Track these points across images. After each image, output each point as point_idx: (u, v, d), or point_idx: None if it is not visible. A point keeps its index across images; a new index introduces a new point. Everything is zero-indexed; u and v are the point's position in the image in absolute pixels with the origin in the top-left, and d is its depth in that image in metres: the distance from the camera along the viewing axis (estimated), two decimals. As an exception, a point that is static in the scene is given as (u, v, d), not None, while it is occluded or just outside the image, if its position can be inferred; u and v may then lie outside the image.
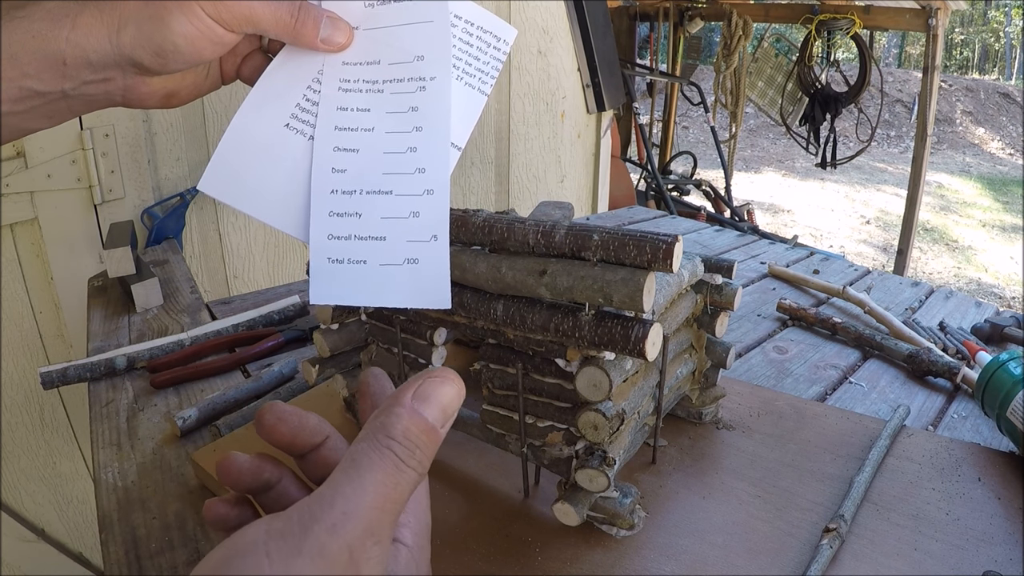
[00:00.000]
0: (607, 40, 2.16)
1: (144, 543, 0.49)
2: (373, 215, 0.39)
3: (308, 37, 0.40)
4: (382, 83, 0.41)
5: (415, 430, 0.27)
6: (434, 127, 0.40)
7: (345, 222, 0.39)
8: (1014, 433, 0.57)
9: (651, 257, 0.39)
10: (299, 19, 0.39)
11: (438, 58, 0.40)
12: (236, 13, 0.37)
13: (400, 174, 0.39)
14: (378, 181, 0.39)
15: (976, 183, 8.37)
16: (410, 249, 0.38)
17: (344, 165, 0.39)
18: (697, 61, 5.36)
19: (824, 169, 4.77)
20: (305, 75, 0.41)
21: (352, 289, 0.38)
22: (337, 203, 0.39)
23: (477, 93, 0.42)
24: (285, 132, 0.40)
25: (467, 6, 0.43)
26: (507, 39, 0.44)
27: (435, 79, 0.40)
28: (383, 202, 0.39)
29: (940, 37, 3.66)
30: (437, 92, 0.40)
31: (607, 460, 0.44)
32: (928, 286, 1.12)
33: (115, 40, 0.36)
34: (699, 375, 0.60)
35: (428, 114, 0.40)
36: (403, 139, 0.40)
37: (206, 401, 0.67)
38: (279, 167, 0.40)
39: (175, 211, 1.36)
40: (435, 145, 0.39)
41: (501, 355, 0.48)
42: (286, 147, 0.40)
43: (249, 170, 0.40)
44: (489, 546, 0.46)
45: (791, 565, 0.45)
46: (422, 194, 0.38)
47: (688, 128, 9.62)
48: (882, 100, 5.01)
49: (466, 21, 0.43)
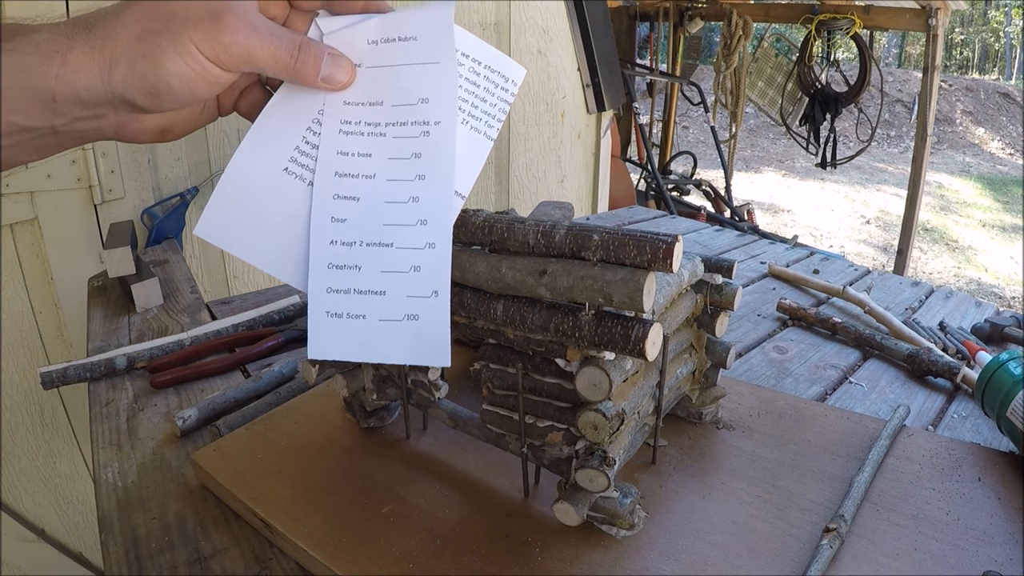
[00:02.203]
0: (607, 40, 2.16)
1: (144, 543, 0.49)
2: (373, 268, 0.37)
3: (308, 76, 0.38)
4: (385, 126, 0.39)
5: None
6: (437, 176, 0.38)
7: (344, 275, 0.37)
8: (1014, 433, 0.57)
9: (651, 257, 0.39)
10: (299, 58, 0.37)
11: (444, 102, 0.39)
12: (233, 53, 0.35)
13: (401, 226, 0.38)
14: (379, 233, 0.38)
15: (976, 183, 8.37)
16: (410, 305, 0.37)
17: (344, 214, 0.38)
18: (697, 61, 5.37)
19: (824, 169, 4.77)
20: (305, 115, 0.40)
21: (351, 344, 0.37)
22: (336, 255, 0.38)
23: (483, 138, 0.40)
24: (284, 177, 0.39)
25: (475, 43, 0.41)
26: (515, 79, 0.42)
27: (440, 124, 0.38)
28: (383, 255, 0.37)
29: (940, 37, 3.66)
30: (441, 138, 0.38)
31: (607, 460, 0.44)
32: (928, 286, 1.12)
33: (107, 78, 0.34)
34: (699, 375, 0.60)
35: (431, 162, 0.38)
36: (405, 188, 0.38)
37: (206, 401, 0.67)
38: (277, 214, 0.38)
39: (175, 211, 1.36)
40: (438, 195, 0.38)
41: (501, 355, 0.48)
42: (285, 193, 0.39)
43: (247, 215, 0.38)
44: (489, 546, 0.46)
45: (791, 565, 0.45)
46: (423, 248, 0.37)
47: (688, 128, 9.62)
48: (882, 100, 5.01)
49: (473, 59, 0.41)
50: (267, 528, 0.49)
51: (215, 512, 0.53)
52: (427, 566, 0.44)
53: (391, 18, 0.40)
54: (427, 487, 0.53)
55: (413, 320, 0.37)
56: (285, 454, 0.56)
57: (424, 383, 0.55)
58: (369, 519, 0.49)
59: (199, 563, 0.47)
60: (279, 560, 0.48)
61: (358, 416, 0.61)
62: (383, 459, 0.56)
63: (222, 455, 0.56)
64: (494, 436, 0.52)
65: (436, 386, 0.55)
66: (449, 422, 0.55)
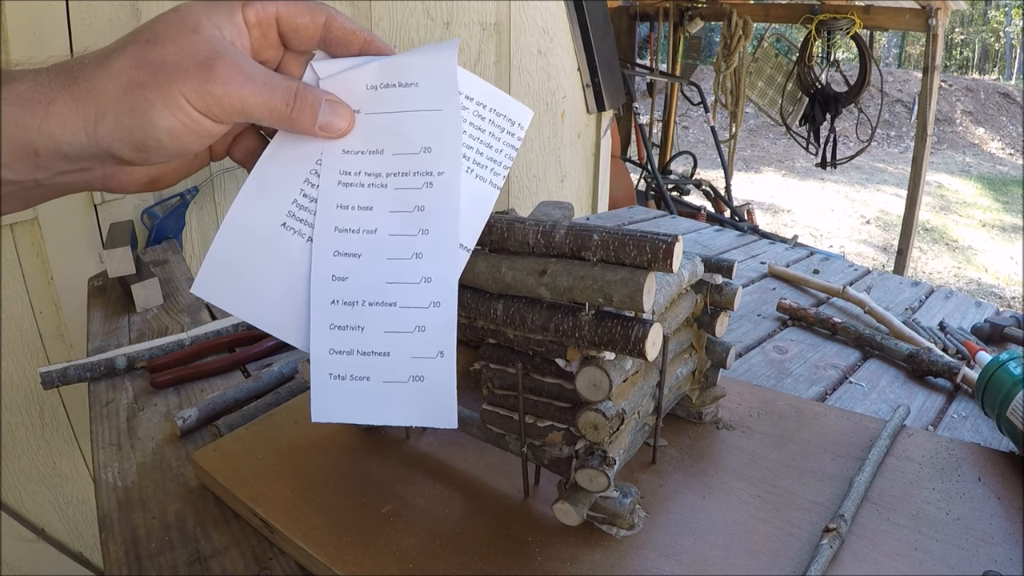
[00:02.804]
0: (607, 40, 2.16)
1: (144, 543, 0.49)
2: (376, 329, 0.36)
3: (305, 124, 0.36)
4: (385, 176, 0.37)
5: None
6: (441, 230, 0.36)
7: (347, 336, 0.36)
8: (1014, 433, 0.57)
9: (651, 257, 0.39)
10: (295, 107, 0.35)
11: (447, 151, 0.37)
12: (225, 104, 0.33)
13: (405, 284, 0.36)
14: (381, 291, 0.36)
15: (976, 183, 8.37)
16: (415, 366, 0.36)
17: (345, 272, 0.37)
18: (697, 61, 5.37)
19: (824, 169, 4.77)
20: (302, 166, 0.38)
21: (355, 407, 0.36)
22: (338, 315, 0.36)
23: (489, 187, 0.38)
24: (282, 232, 0.37)
25: (480, 85, 0.39)
26: (522, 123, 0.40)
27: (443, 175, 0.37)
28: (387, 315, 0.36)
29: (940, 37, 3.66)
30: (445, 190, 0.36)
31: (607, 460, 0.44)
32: (928, 286, 1.12)
33: (92, 133, 0.32)
34: (699, 375, 0.60)
35: (435, 215, 0.36)
36: (408, 243, 0.37)
37: (206, 401, 0.67)
38: (276, 271, 0.37)
39: (175, 211, 1.36)
40: (442, 251, 0.36)
41: (501, 355, 0.48)
42: (283, 249, 0.37)
43: (245, 273, 0.37)
44: (489, 546, 0.46)
45: (791, 565, 0.45)
46: (428, 307, 0.36)
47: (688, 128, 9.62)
48: (882, 100, 5.01)
49: (478, 103, 0.39)
50: (267, 528, 0.49)
51: (215, 512, 0.53)
52: (427, 566, 0.44)
53: (391, 62, 0.38)
54: (427, 487, 0.53)
55: (419, 382, 0.36)
56: (285, 454, 0.56)
57: (424, 383, 0.55)
58: (369, 519, 0.49)
59: (199, 563, 0.47)
60: (279, 560, 0.48)
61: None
62: (383, 459, 0.56)
63: (222, 455, 0.56)
64: (494, 436, 0.52)
65: (436, 386, 0.55)
66: (449, 422, 0.55)
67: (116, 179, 0.36)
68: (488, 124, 0.39)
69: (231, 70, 0.33)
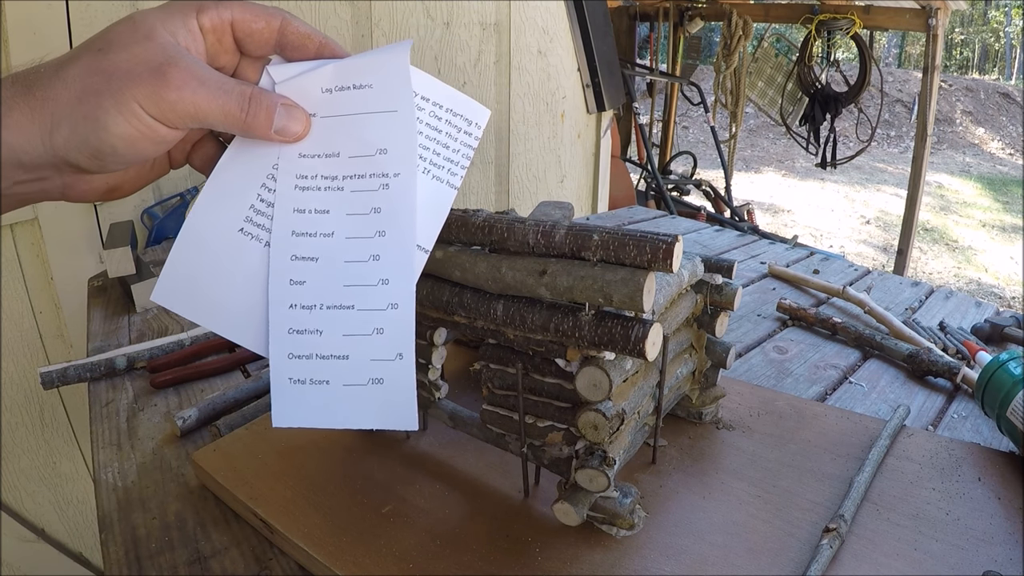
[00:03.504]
0: (607, 40, 2.16)
1: (144, 543, 0.49)
2: (335, 332, 0.36)
3: (261, 129, 0.36)
4: (342, 179, 0.37)
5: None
6: (398, 232, 0.36)
7: (306, 340, 0.36)
8: (1014, 433, 0.57)
9: (651, 257, 0.39)
10: (250, 111, 0.35)
11: (403, 152, 0.37)
12: (179, 110, 0.33)
13: (362, 286, 0.36)
14: (339, 295, 0.36)
15: (976, 183, 8.37)
16: (374, 368, 0.36)
17: (303, 276, 0.36)
18: (697, 61, 5.37)
19: (824, 169, 4.77)
20: (259, 171, 0.38)
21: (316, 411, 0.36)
22: (296, 319, 0.36)
23: (446, 187, 0.38)
24: (239, 238, 0.37)
25: (435, 86, 0.39)
26: (479, 122, 0.40)
27: (399, 176, 0.36)
28: (345, 318, 0.36)
29: (940, 37, 3.66)
30: (401, 191, 0.36)
31: (607, 460, 0.44)
32: (928, 286, 1.12)
33: (48, 141, 0.32)
34: (699, 375, 0.60)
35: (392, 217, 0.36)
36: (365, 246, 0.36)
37: (206, 401, 0.67)
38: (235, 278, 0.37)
39: (175, 211, 1.36)
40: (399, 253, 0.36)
41: (501, 355, 0.48)
42: (241, 255, 0.37)
43: (203, 280, 0.37)
44: (489, 546, 0.46)
45: (791, 565, 0.45)
46: (386, 308, 0.36)
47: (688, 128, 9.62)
48: (882, 100, 5.01)
49: (434, 103, 0.39)
50: (267, 528, 0.49)
51: (215, 512, 0.53)
52: (427, 566, 0.44)
53: (346, 64, 0.38)
54: (427, 487, 0.53)
55: (378, 384, 0.36)
56: (285, 454, 0.56)
57: (424, 383, 0.55)
58: (369, 519, 0.49)
59: (199, 563, 0.47)
60: (279, 560, 0.48)
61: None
62: (383, 459, 0.56)
63: (222, 455, 0.56)
64: (494, 436, 0.52)
65: (436, 386, 0.55)
66: (449, 422, 0.55)
67: (74, 188, 0.36)
68: (445, 124, 0.39)
69: (185, 75, 0.33)
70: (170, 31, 0.34)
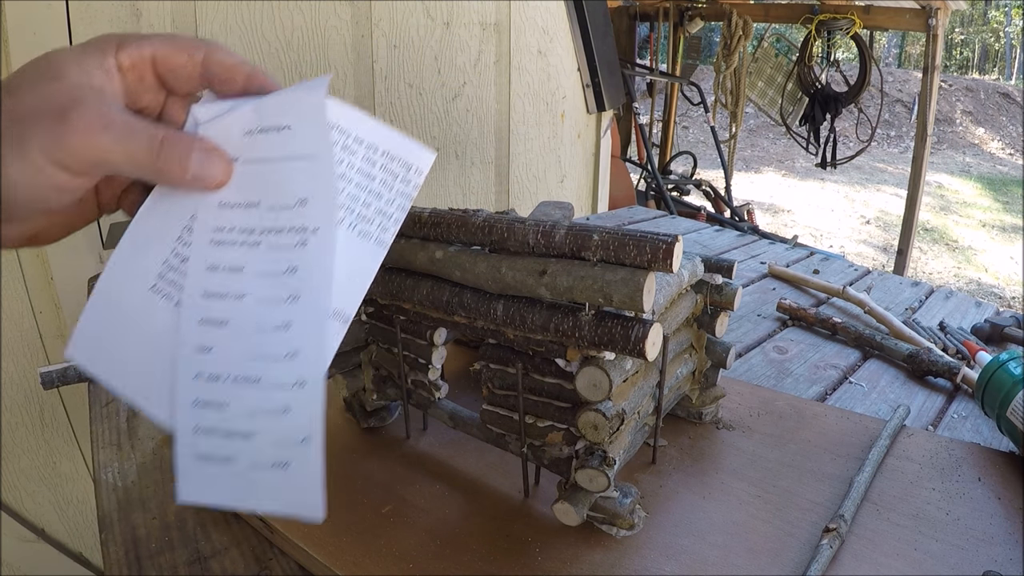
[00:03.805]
0: (607, 40, 2.16)
1: (144, 543, 0.49)
2: (240, 408, 0.32)
3: (174, 175, 0.32)
4: (259, 233, 0.33)
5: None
6: (312, 298, 0.32)
7: (211, 414, 0.33)
8: (1014, 433, 0.57)
9: (651, 257, 0.39)
10: (161, 156, 0.32)
11: (322, 204, 0.33)
12: (81, 156, 0.30)
13: (269, 359, 0.32)
14: (246, 366, 0.32)
15: (976, 183, 8.37)
16: (279, 451, 0.32)
17: (211, 342, 0.33)
18: (697, 61, 5.36)
19: (824, 169, 4.77)
20: (177, 222, 0.34)
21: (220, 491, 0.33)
22: (203, 390, 0.33)
23: (374, 245, 0.34)
24: (150, 297, 0.34)
25: (371, 126, 0.35)
26: (420, 167, 0.36)
27: (318, 231, 0.32)
28: (251, 393, 0.32)
29: (940, 37, 3.66)
30: (319, 249, 0.32)
31: (607, 460, 0.44)
32: (928, 286, 1.12)
33: None
34: (699, 375, 0.60)
35: (307, 279, 0.32)
36: (276, 312, 0.33)
37: (206, 401, 0.66)
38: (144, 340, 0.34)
39: (175, 211, 1.36)
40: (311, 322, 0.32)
41: (501, 355, 0.48)
42: (151, 316, 0.34)
43: (114, 340, 0.34)
44: (489, 546, 0.46)
45: (791, 565, 0.45)
46: (292, 386, 0.32)
47: (688, 128, 9.62)
48: (882, 100, 5.01)
49: (368, 146, 0.35)
50: (267, 528, 0.49)
51: (215, 512, 0.53)
52: (427, 566, 0.44)
53: (266, 103, 0.35)
54: (427, 487, 0.53)
55: (282, 469, 0.32)
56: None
57: (424, 383, 0.55)
58: (369, 519, 0.49)
59: (199, 563, 0.47)
60: (279, 560, 0.48)
61: (358, 416, 0.61)
62: (383, 459, 0.56)
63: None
64: (494, 436, 0.52)
65: (436, 386, 0.55)
66: (449, 422, 0.55)
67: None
68: (380, 171, 0.35)
69: (89, 117, 0.30)
70: (84, 70, 0.31)
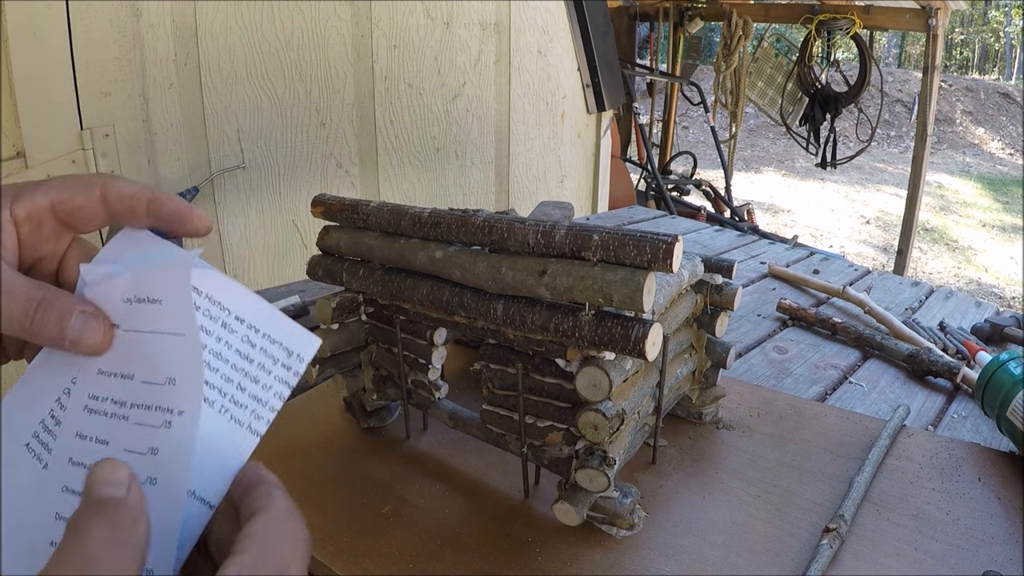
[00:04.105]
0: (607, 40, 2.16)
1: (144, 543, 0.49)
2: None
3: (50, 338, 0.31)
4: (129, 407, 0.32)
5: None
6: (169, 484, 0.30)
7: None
8: (1014, 433, 0.57)
9: (651, 257, 0.39)
10: (35, 318, 0.31)
11: (189, 387, 0.31)
12: None
13: None
14: None
15: (976, 183, 8.37)
16: None
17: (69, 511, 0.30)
18: (697, 61, 5.37)
19: (824, 169, 4.77)
20: (59, 382, 0.33)
21: None
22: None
23: (246, 432, 0.32)
24: (23, 453, 0.33)
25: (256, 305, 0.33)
26: (302, 354, 0.34)
27: (183, 415, 0.31)
28: None
29: (940, 37, 3.66)
30: (182, 434, 0.31)
31: (607, 460, 0.44)
32: (928, 286, 1.12)
33: None
34: (699, 375, 0.60)
35: (166, 463, 0.30)
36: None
37: (206, 401, 0.66)
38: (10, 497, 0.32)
39: (175, 211, 1.36)
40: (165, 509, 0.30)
41: (501, 355, 0.48)
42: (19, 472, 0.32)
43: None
44: (489, 546, 0.46)
45: (791, 565, 0.45)
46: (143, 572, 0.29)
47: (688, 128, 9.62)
48: (882, 100, 5.01)
49: (249, 326, 0.33)
50: (267, 528, 0.49)
51: (215, 512, 0.53)
52: (427, 566, 0.44)
53: (141, 273, 0.33)
54: (427, 487, 0.53)
55: None
56: (285, 454, 0.56)
57: (424, 383, 0.55)
58: (369, 519, 0.49)
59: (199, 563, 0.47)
60: (279, 560, 0.48)
61: (358, 416, 0.61)
62: (383, 459, 0.56)
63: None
64: (494, 436, 0.52)
65: (436, 386, 0.55)
66: (449, 422, 0.55)
67: None
68: (259, 353, 0.33)
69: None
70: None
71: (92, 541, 0.25)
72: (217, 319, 0.33)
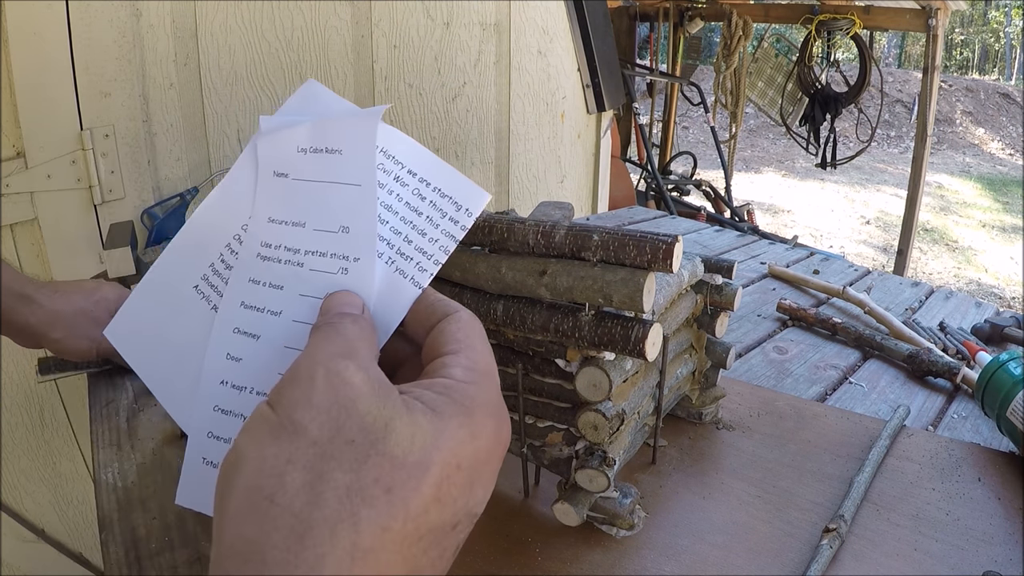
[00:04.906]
0: (607, 40, 2.16)
1: (144, 543, 0.49)
2: None
3: None
4: (304, 254, 0.33)
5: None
6: None
7: (229, 422, 0.32)
8: (1014, 433, 0.57)
9: (651, 257, 0.39)
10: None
11: (364, 235, 0.32)
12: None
13: None
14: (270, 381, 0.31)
15: (976, 183, 8.37)
16: None
17: (241, 352, 0.33)
18: (697, 61, 5.36)
19: (824, 169, 4.77)
20: (228, 229, 0.35)
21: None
22: (225, 398, 0.32)
23: (409, 284, 0.32)
24: (192, 295, 0.34)
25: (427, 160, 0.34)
26: (471, 208, 0.34)
27: (359, 261, 0.32)
28: None
29: (940, 37, 3.66)
30: (358, 280, 0.32)
31: (607, 460, 0.44)
32: (928, 286, 1.12)
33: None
34: (699, 375, 0.60)
35: None
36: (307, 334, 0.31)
37: (206, 401, 0.66)
38: (177, 335, 0.34)
39: (175, 211, 1.36)
40: None
41: (501, 355, 0.48)
42: (189, 313, 0.34)
43: (152, 328, 0.34)
44: (489, 546, 0.46)
45: (791, 565, 0.45)
46: None
47: (688, 128, 9.62)
48: (882, 100, 5.01)
49: (421, 180, 0.33)
50: (267, 528, 0.49)
51: (215, 512, 0.53)
52: (427, 566, 0.44)
53: (322, 123, 0.35)
54: (427, 487, 0.53)
55: None
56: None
57: (424, 383, 0.55)
58: (369, 519, 0.49)
59: (199, 563, 0.47)
60: (279, 560, 0.48)
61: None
62: (383, 459, 0.56)
63: (222, 455, 0.56)
64: (494, 436, 0.52)
65: (436, 386, 0.55)
66: (449, 422, 0.55)
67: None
68: (428, 207, 0.33)
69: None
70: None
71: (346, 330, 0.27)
72: (390, 172, 0.33)
